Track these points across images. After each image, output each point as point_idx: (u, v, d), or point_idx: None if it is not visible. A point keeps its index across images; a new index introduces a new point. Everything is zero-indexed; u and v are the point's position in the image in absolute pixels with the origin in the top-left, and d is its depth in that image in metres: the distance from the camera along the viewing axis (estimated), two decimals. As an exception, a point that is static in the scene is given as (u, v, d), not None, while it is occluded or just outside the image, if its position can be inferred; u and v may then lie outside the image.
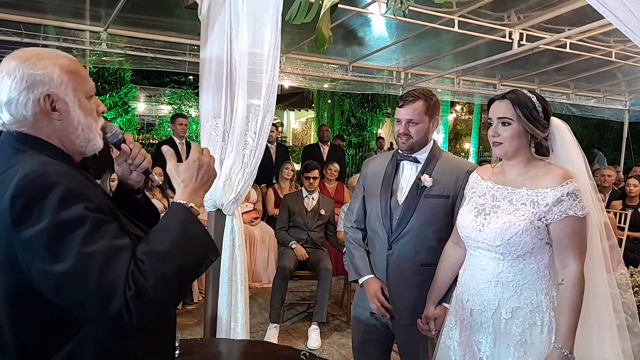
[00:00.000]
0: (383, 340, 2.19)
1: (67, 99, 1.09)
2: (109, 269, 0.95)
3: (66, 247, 0.94)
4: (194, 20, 2.87)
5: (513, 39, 4.94)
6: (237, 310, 2.62)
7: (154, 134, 13.21)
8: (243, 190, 2.53)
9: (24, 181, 0.95)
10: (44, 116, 1.07)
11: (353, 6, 4.42)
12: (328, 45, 2.25)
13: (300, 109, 17.34)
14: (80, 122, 1.11)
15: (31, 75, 1.05)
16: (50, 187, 0.95)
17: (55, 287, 0.95)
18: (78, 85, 1.11)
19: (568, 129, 1.70)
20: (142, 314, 0.95)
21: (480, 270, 1.70)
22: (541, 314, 1.61)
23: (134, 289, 0.95)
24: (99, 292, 0.94)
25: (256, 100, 2.45)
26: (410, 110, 1.99)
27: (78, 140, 1.12)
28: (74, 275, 0.94)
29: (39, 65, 1.06)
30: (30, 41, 4.63)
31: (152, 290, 0.97)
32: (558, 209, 1.56)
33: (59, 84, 1.08)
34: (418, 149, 2.05)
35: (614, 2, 1.49)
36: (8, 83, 1.05)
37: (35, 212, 0.94)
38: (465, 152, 17.02)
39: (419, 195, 2.00)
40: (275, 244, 4.94)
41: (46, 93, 1.06)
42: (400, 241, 2.01)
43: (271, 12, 2.36)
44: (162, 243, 1.04)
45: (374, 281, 2.08)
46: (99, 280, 0.94)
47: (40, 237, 0.93)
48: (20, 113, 1.05)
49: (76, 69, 1.12)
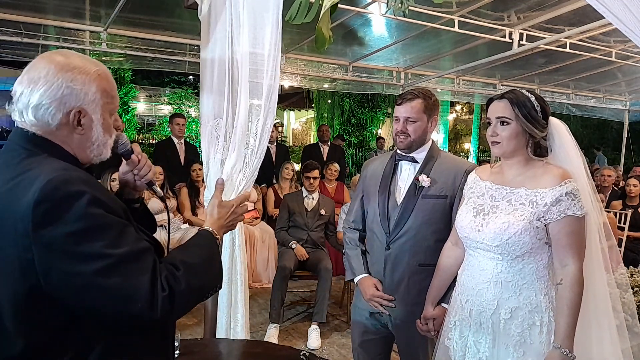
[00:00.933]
0: (383, 340, 2.19)
1: (93, 117, 1.11)
2: (134, 272, 0.99)
3: (93, 250, 0.96)
4: (194, 20, 2.87)
5: (513, 39, 4.94)
6: (237, 310, 2.62)
7: (154, 134, 13.20)
8: (244, 190, 2.53)
9: (49, 186, 0.95)
10: (67, 128, 1.08)
11: (353, 6, 4.42)
12: (328, 45, 2.25)
13: (300, 109, 17.33)
14: (98, 138, 1.13)
15: (69, 87, 1.06)
16: (75, 193, 0.97)
17: (78, 288, 0.97)
18: (106, 104, 1.13)
19: (567, 128, 1.70)
20: (167, 315, 1.02)
21: (479, 270, 1.70)
22: (540, 314, 1.61)
23: (167, 291, 1.02)
24: (123, 293, 0.98)
25: (257, 101, 2.45)
26: (409, 108, 1.99)
27: (92, 154, 1.14)
28: (100, 277, 0.96)
29: (79, 79, 1.07)
30: (30, 41, 4.63)
31: (181, 295, 1.04)
32: (557, 209, 1.56)
33: (91, 101, 1.09)
34: (416, 147, 2.05)
35: (614, 2, 1.49)
36: (44, 88, 1.04)
37: (61, 216, 0.95)
38: (465, 152, 17.02)
39: (416, 196, 2.00)
40: (275, 244, 4.94)
41: (78, 109, 1.08)
42: (398, 241, 2.01)
43: (271, 12, 2.36)
44: (194, 258, 1.14)
45: (367, 279, 2.10)
46: (124, 282, 0.98)
47: (67, 239, 0.95)
48: (45, 119, 1.06)
49: (110, 87, 1.14)
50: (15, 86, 1.08)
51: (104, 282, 0.97)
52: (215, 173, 2.51)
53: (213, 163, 2.53)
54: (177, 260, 1.09)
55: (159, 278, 1.02)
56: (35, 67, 1.07)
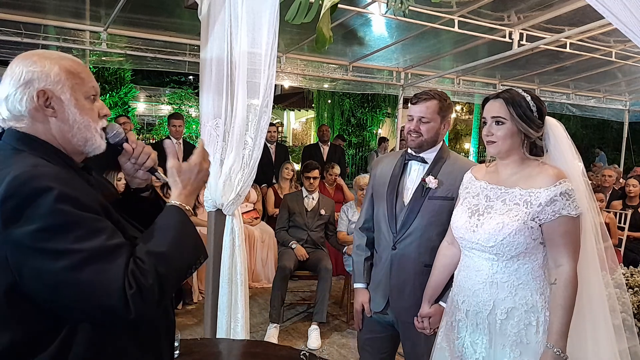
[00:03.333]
0: (388, 338, 2.20)
1: (62, 97, 1.11)
2: (106, 267, 0.97)
3: (62, 246, 0.95)
4: (194, 20, 2.87)
5: (513, 39, 4.94)
6: (237, 310, 2.62)
7: (154, 134, 13.19)
8: (243, 190, 2.53)
9: (15, 182, 0.96)
10: (38, 112, 1.09)
11: (353, 6, 4.42)
12: (328, 45, 2.26)
13: (300, 109, 17.32)
14: (75, 120, 1.12)
15: (29, 72, 1.08)
16: (41, 189, 0.96)
17: (50, 286, 0.96)
18: (76, 84, 1.13)
19: (563, 128, 1.70)
20: (141, 312, 0.99)
21: (475, 271, 1.70)
22: (536, 314, 1.61)
23: (135, 287, 0.98)
24: (96, 289, 0.96)
25: (256, 100, 2.46)
26: (424, 108, 2.01)
27: (75, 139, 1.13)
28: (71, 273, 0.95)
29: (38, 63, 1.09)
30: (30, 41, 4.63)
31: (152, 289, 1.00)
32: (551, 209, 1.56)
33: (55, 81, 1.10)
34: (427, 147, 2.06)
35: (614, 2, 1.49)
36: (8, 80, 1.08)
37: (28, 213, 0.94)
38: (465, 152, 17.02)
39: (423, 197, 2.01)
40: (275, 244, 4.94)
41: (41, 89, 1.08)
42: (404, 241, 2.03)
43: (268, 12, 2.36)
44: (161, 245, 1.08)
45: (361, 293, 2.19)
46: (96, 278, 0.96)
47: (34, 237, 0.94)
48: (16, 108, 1.08)
49: (77, 70, 1.14)
50: None
51: (74, 279, 0.95)
52: (215, 173, 2.51)
53: (212, 163, 2.53)
54: (142, 253, 1.04)
55: (129, 275, 0.99)
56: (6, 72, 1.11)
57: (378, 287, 2.13)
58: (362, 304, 2.18)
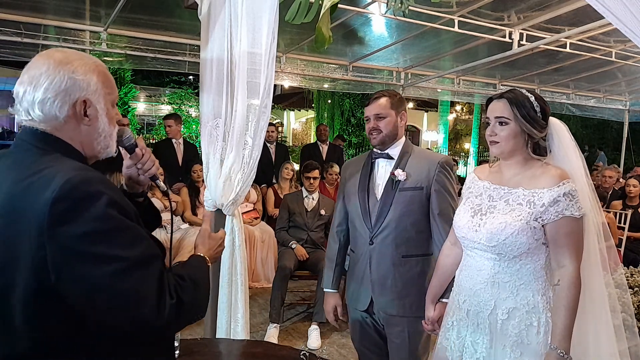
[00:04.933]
0: (379, 334, 2.21)
1: (98, 106, 1.12)
2: (145, 276, 1.00)
3: (108, 252, 0.97)
4: (194, 20, 2.87)
5: (513, 39, 4.94)
6: (237, 310, 2.61)
7: (154, 134, 13.21)
8: (242, 190, 2.53)
9: (68, 185, 0.95)
10: (74, 120, 1.09)
11: (353, 6, 4.42)
12: (328, 45, 2.26)
13: (300, 109, 17.34)
14: (104, 129, 1.14)
15: (72, 78, 1.07)
16: (95, 193, 0.97)
17: (89, 290, 0.97)
18: (108, 94, 1.14)
19: (567, 129, 1.69)
20: (172, 323, 1.04)
21: (477, 270, 1.70)
22: (538, 315, 1.60)
23: (176, 299, 1.04)
24: (133, 298, 0.98)
25: (256, 100, 2.45)
26: (376, 106, 2.13)
27: (99, 147, 1.15)
28: (113, 279, 0.96)
29: (80, 70, 1.09)
30: (30, 41, 4.63)
31: (187, 305, 1.07)
32: (554, 210, 1.56)
33: (94, 90, 1.10)
34: (390, 143, 2.14)
35: (614, 2, 1.49)
36: (47, 82, 1.05)
37: (79, 215, 0.95)
38: (465, 152, 17.02)
39: (394, 190, 2.08)
40: (275, 244, 4.94)
41: (83, 98, 1.09)
42: (380, 235, 2.09)
43: (268, 12, 2.36)
44: (197, 275, 1.19)
45: (331, 297, 2.32)
46: (135, 287, 0.99)
47: (82, 239, 0.95)
48: (52, 113, 1.06)
49: (109, 77, 1.16)
50: (16, 87, 1.08)
51: (115, 285, 0.97)
52: (215, 173, 2.51)
53: (212, 163, 2.53)
54: (183, 273, 1.13)
55: (166, 286, 1.03)
56: (35, 65, 1.08)
57: (360, 286, 2.16)
58: (335, 306, 2.29)
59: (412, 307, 2.05)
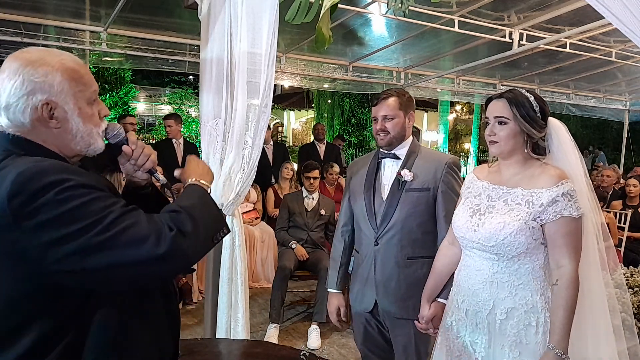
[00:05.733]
0: (382, 335, 2.20)
1: (66, 107, 1.07)
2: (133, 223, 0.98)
3: (84, 223, 0.95)
4: (194, 20, 2.87)
5: (513, 39, 4.94)
6: (237, 310, 2.62)
7: (154, 133, 13.21)
8: (242, 190, 2.53)
9: (20, 178, 0.94)
10: (41, 123, 1.06)
11: (353, 6, 4.42)
12: (328, 45, 2.26)
13: (300, 109, 17.34)
14: (79, 129, 1.10)
15: (32, 81, 1.03)
16: (49, 180, 0.95)
17: (81, 258, 0.95)
18: (79, 92, 1.09)
19: (566, 129, 1.70)
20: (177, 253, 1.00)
21: (475, 270, 1.70)
22: (536, 315, 1.60)
23: (175, 229, 1.00)
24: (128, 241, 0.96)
25: (256, 100, 2.46)
26: (385, 106, 2.08)
27: (77, 147, 1.12)
28: (99, 237, 0.95)
29: (40, 70, 1.04)
30: (30, 41, 4.62)
31: (189, 234, 1.03)
32: (553, 209, 1.56)
33: (59, 91, 1.05)
34: (397, 144, 2.11)
35: (614, 2, 1.49)
36: (8, 87, 1.03)
37: (39, 206, 0.93)
38: (465, 152, 17.02)
39: (400, 190, 2.06)
40: (275, 244, 4.94)
41: (45, 101, 1.04)
42: (385, 236, 2.06)
43: (268, 12, 2.36)
44: (189, 201, 1.13)
45: (335, 298, 2.28)
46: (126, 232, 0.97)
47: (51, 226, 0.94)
48: (17, 119, 1.04)
49: (79, 74, 1.10)
50: None
51: (104, 242, 0.95)
52: (215, 173, 2.51)
53: (212, 163, 2.53)
54: (174, 206, 1.08)
55: (160, 223, 1.01)
56: (2, 68, 1.05)
57: (365, 286, 2.14)
58: (338, 307, 2.26)
59: (416, 310, 2.00)
